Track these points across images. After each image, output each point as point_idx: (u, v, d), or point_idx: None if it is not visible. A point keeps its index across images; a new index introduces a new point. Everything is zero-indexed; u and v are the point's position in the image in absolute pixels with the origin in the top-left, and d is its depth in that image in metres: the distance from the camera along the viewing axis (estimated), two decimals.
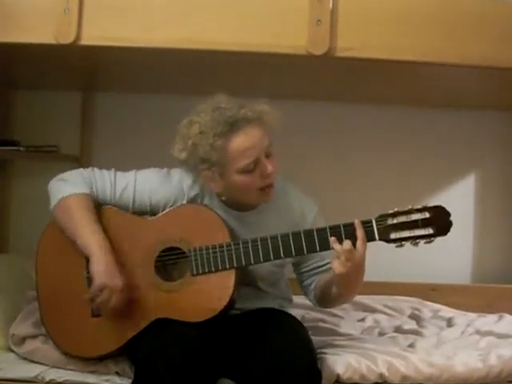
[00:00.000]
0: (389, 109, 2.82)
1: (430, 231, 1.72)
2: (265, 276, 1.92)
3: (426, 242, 1.73)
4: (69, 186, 1.89)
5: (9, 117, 2.82)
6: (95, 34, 1.97)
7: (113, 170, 1.96)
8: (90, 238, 1.81)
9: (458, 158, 2.89)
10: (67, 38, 1.96)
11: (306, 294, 1.98)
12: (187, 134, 1.80)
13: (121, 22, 1.98)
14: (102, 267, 1.77)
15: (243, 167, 1.78)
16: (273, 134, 1.83)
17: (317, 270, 1.92)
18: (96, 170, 1.95)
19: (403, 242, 1.73)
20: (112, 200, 1.91)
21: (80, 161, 2.77)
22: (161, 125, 1.86)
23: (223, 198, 1.89)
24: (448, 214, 1.73)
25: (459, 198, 2.85)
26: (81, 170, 1.96)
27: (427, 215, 1.72)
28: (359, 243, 1.70)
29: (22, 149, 2.65)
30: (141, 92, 2.77)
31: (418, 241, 1.73)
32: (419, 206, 1.73)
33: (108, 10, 1.99)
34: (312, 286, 1.93)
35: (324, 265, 1.90)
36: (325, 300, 1.92)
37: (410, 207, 1.73)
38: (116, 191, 1.91)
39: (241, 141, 1.78)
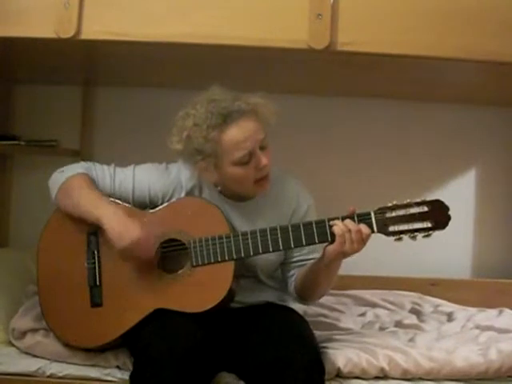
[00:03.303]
0: (390, 104, 2.81)
1: (428, 225, 1.73)
2: (266, 266, 1.93)
3: (424, 236, 1.74)
4: (68, 172, 1.91)
5: (9, 111, 2.82)
6: (96, 29, 1.97)
7: (112, 165, 1.97)
8: (97, 203, 1.82)
9: (459, 154, 2.88)
10: (68, 33, 1.96)
11: (285, 284, 1.98)
12: (182, 126, 1.81)
13: (121, 16, 1.98)
14: (115, 224, 1.78)
15: (237, 159, 1.79)
16: (269, 126, 1.83)
17: (301, 263, 1.92)
18: (96, 163, 1.97)
19: (401, 235, 1.74)
20: (111, 190, 1.92)
21: (80, 155, 2.76)
22: (161, 119, 1.85)
23: (219, 188, 1.90)
24: (447, 208, 1.74)
25: (460, 193, 2.85)
26: (81, 162, 1.98)
27: (426, 209, 1.73)
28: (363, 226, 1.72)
29: (22, 143, 2.66)
30: (141, 86, 2.76)
31: (416, 234, 1.73)
32: (418, 200, 1.74)
33: (108, 4, 1.99)
34: (294, 277, 1.94)
35: (309, 259, 1.90)
36: (306, 288, 1.90)
37: (409, 201, 1.74)
38: (115, 182, 1.93)
39: (234, 133, 1.78)
